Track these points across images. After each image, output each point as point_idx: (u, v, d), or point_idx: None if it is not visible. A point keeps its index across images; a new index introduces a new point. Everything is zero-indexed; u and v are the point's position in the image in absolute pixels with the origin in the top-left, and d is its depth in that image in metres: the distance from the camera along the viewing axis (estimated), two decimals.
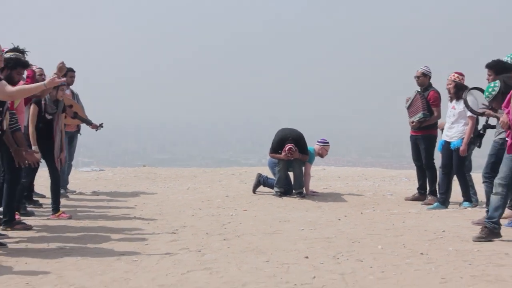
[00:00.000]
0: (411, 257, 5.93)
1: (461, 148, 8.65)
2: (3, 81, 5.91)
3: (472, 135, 8.62)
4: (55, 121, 7.96)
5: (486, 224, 6.71)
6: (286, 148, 9.81)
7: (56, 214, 7.89)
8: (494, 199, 6.73)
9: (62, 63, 7.03)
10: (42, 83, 6.04)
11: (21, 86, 6.09)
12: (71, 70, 10.08)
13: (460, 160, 8.85)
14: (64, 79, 6.79)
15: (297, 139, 10.05)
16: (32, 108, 7.77)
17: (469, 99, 7.84)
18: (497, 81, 7.03)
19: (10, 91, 5.83)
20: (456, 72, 8.91)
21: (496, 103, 7.11)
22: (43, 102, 7.77)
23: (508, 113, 6.57)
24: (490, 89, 7.02)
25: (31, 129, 7.76)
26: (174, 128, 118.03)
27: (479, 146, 8.28)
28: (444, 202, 9.01)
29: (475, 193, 9.19)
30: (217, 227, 7.43)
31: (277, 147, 10.08)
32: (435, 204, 9.02)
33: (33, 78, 8.00)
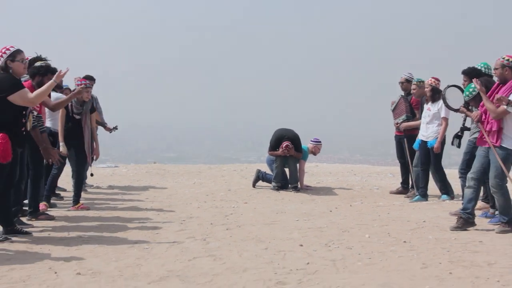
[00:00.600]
0: (395, 245, 5.97)
1: (435, 146, 8.71)
2: (25, 89, 5.92)
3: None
4: (83, 120, 8.03)
5: (461, 214, 6.78)
6: (284, 145, 9.87)
7: (76, 206, 7.94)
8: (467, 192, 6.80)
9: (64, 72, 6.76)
10: (52, 80, 6.04)
11: (37, 91, 6.07)
12: (90, 79, 10.13)
13: (436, 157, 8.88)
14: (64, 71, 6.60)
15: (293, 138, 10.10)
16: (61, 110, 7.81)
17: (447, 100, 7.88)
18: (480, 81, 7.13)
19: (30, 97, 5.85)
20: (433, 77, 8.94)
21: (474, 102, 7.24)
22: (69, 104, 7.82)
23: (484, 112, 6.67)
24: (471, 89, 7.10)
25: (60, 128, 7.88)
26: (180, 129, 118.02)
27: (458, 146, 8.34)
28: (424, 195, 9.05)
29: (449, 186, 9.23)
30: (220, 218, 7.46)
31: (275, 145, 10.13)
32: (417, 197, 9.05)
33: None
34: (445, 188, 9.12)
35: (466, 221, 6.74)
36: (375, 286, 4.57)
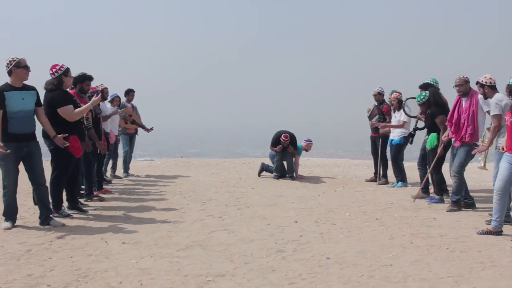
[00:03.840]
0: (369, 221, 6.00)
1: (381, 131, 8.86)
2: (71, 106, 5.87)
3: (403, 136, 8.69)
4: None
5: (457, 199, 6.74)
6: (282, 136, 9.92)
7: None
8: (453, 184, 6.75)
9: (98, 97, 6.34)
10: (89, 103, 6.07)
11: (77, 110, 5.93)
12: (132, 90, 10.18)
13: (397, 151, 8.83)
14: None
15: (290, 137, 10.11)
16: (89, 114, 7.24)
17: (406, 108, 8.11)
18: (427, 92, 7.34)
19: (71, 114, 5.81)
20: (396, 92, 8.97)
21: (424, 107, 7.48)
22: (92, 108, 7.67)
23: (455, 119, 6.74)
24: (422, 96, 7.39)
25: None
26: (201, 131, 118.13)
27: (411, 143, 8.40)
28: (404, 180, 8.95)
29: (405, 176, 9.10)
30: (233, 200, 7.47)
31: (275, 143, 10.13)
32: (399, 183, 8.94)
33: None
34: (401, 176, 9.04)
35: (456, 203, 6.76)
36: (353, 253, 4.61)
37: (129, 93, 10.12)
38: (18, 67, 5.30)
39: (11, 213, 5.46)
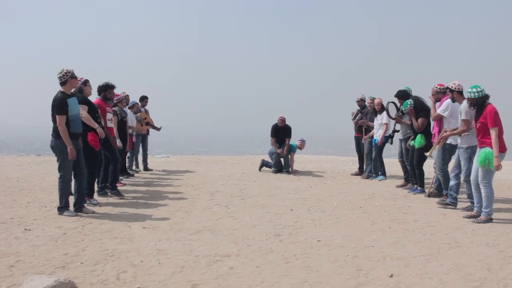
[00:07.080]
0: (354, 209, 6.02)
1: (378, 142, 8.71)
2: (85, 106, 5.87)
3: (385, 135, 8.65)
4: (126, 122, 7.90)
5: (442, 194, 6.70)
6: (279, 151, 9.93)
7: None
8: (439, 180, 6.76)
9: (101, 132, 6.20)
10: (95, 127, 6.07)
11: (88, 118, 5.96)
12: (146, 97, 10.20)
13: (379, 149, 8.85)
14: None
15: (287, 131, 10.22)
16: (114, 118, 7.40)
17: (389, 110, 8.07)
18: (411, 100, 7.27)
19: (84, 115, 5.85)
20: (379, 98, 8.99)
21: (411, 113, 7.30)
22: (118, 112, 7.68)
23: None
24: (408, 104, 7.25)
25: (115, 129, 7.28)
26: (210, 131, 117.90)
27: (391, 143, 8.39)
28: (384, 174, 8.97)
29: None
30: (237, 191, 7.49)
31: (274, 132, 10.17)
32: (380, 176, 8.96)
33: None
34: (381, 170, 9.08)
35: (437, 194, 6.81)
36: (340, 236, 4.63)
37: (144, 99, 10.15)
38: (72, 78, 5.42)
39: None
